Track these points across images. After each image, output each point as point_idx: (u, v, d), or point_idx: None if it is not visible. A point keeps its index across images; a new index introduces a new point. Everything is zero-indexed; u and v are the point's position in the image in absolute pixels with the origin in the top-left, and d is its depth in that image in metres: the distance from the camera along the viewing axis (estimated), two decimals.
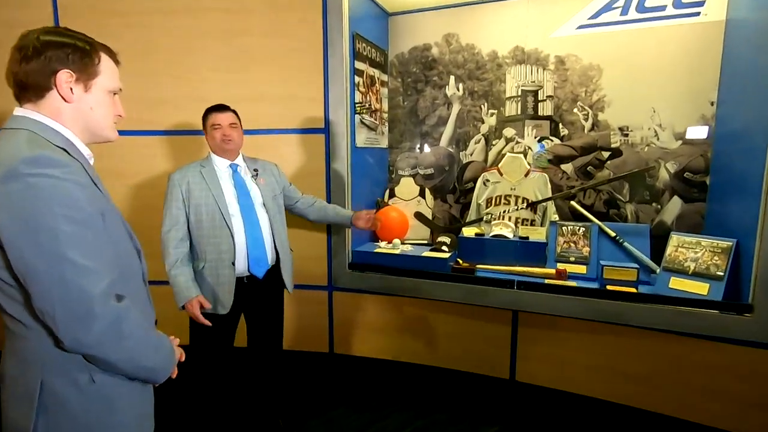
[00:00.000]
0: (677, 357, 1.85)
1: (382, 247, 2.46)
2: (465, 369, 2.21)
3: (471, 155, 2.75)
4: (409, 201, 2.79)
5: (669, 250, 1.99)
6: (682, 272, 1.91)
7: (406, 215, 2.73)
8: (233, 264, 1.84)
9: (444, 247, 2.34)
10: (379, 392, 2.30)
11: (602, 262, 2.09)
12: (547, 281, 2.03)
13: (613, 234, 2.26)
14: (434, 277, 2.18)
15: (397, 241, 2.47)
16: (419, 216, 2.66)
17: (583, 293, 1.92)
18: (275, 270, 1.99)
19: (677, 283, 1.90)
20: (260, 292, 1.98)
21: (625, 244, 2.21)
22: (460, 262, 2.25)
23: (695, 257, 1.90)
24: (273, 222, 1.97)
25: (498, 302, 2.05)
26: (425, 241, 2.68)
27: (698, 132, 2.22)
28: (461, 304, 2.15)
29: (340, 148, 2.29)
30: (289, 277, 2.05)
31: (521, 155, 2.54)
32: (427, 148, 2.83)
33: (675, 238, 1.99)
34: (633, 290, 1.97)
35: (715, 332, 1.72)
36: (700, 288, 1.84)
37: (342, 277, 2.36)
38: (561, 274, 2.09)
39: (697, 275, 1.87)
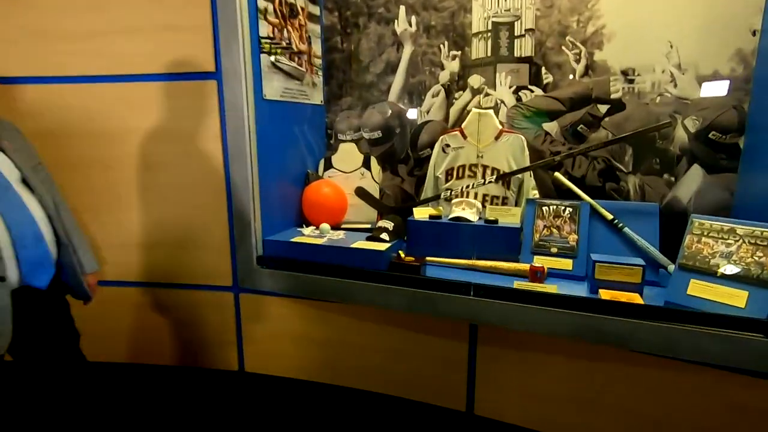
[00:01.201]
0: (702, 394, 1.30)
1: (306, 234, 1.86)
2: (409, 396, 1.66)
3: (427, 113, 2.12)
4: (350, 173, 2.17)
5: (688, 239, 1.41)
6: (707, 273, 1.33)
7: (344, 192, 2.12)
8: (2, 278, 1.23)
9: (384, 235, 1.75)
10: (303, 423, 1.76)
11: (594, 257, 1.51)
12: (516, 285, 1.45)
13: (609, 216, 1.67)
14: (365, 276, 1.60)
15: (325, 226, 1.87)
16: (360, 193, 2.05)
17: (565, 303, 1.35)
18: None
19: (700, 289, 1.33)
20: (44, 311, 1.38)
21: (626, 230, 1.63)
22: (402, 255, 1.66)
23: (727, 251, 1.32)
24: (45, 202, 1.35)
25: (450, 312, 1.48)
26: (370, 226, 2.08)
27: (731, 74, 1.60)
28: (404, 313, 1.58)
29: (236, 101, 1.65)
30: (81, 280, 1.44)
31: (491, 111, 1.91)
32: (372, 105, 2.19)
33: (697, 224, 1.40)
34: (636, 298, 1.40)
35: (760, 366, 1.16)
36: (734, 297, 1.26)
37: (249, 275, 1.78)
38: (536, 274, 1.51)
39: (730, 278, 1.29)
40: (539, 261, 1.69)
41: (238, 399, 1.89)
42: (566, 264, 1.66)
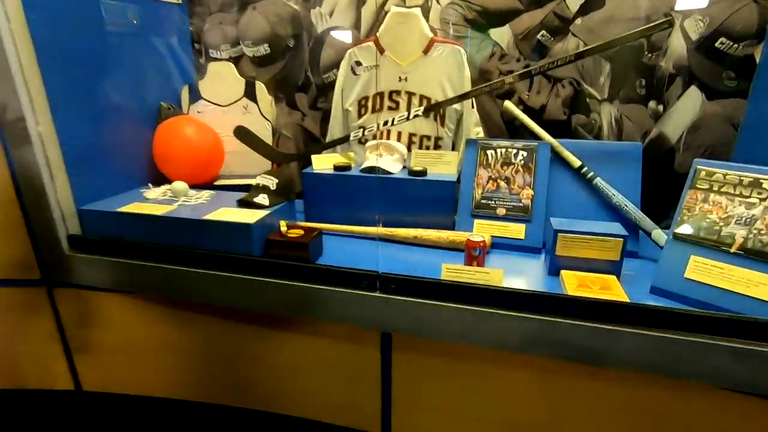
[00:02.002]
0: (711, 418, 0.91)
1: (150, 198, 1.26)
2: (309, 417, 1.21)
3: (330, 16, 1.48)
4: (227, 107, 1.54)
5: (690, 197, 0.97)
6: (717, 247, 0.91)
7: (217, 134, 1.50)
8: None
9: (261, 198, 1.19)
10: None
11: (555, 223, 1.04)
12: (445, 271, 0.97)
13: (576, 163, 1.20)
14: (223, 264, 1.06)
15: (179, 186, 1.27)
16: (242, 134, 1.44)
17: (514, 303, 0.89)
18: None
19: (705, 271, 0.91)
20: None
21: (598, 182, 1.17)
22: (284, 228, 1.12)
23: (748, 215, 0.89)
24: None
25: (347, 316, 0.99)
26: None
27: None
28: (286, 315, 1.08)
29: None
30: None
31: (417, 11, 1.32)
32: (253, 4, 1.52)
33: (704, 174, 0.96)
34: (612, 284, 0.97)
35: None
36: (759, 286, 0.85)
37: (60, 263, 1.18)
38: (474, 252, 1.03)
39: (752, 256, 0.87)
40: (481, 227, 1.22)
41: (75, 425, 1.38)
42: (517, 231, 1.19)
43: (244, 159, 1.52)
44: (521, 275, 1.07)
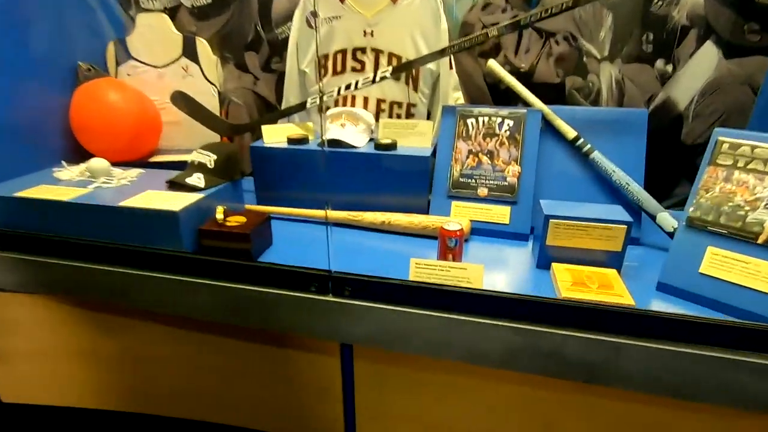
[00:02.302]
0: None
1: (62, 180, 1.04)
2: (258, 427, 1.05)
3: None
4: (163, 68, 1.30)
5: (708, 175, 0.80)
6: (742, 236, 0.75)
7: (150, 100, 1.27)
8: None
9: (197, 178, 0.99)
10: None
11: (546, 207, 0.87)
12: (414, 268, 0.80)
13: (571, 134, 1.02)
14: (150, 260, 0.86)
15: (97, 164, 1.05)
16: (180, 101, 1.21)
17: (494, 308, 0.72)
18: None
19: (727, 266, 0.75)
20: None
21: (596, 156, 1.00)
22: (220, 216, 0.92)
23: None
24: None
25: (296, 326, 0.81)
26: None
27: None
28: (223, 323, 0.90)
29: None
30: None
31: None
32: None
33: (726, 147, 0.78)
34: (612, 279, 0.81)
35: None
36: None
37: None
38: (449, 243, 0.85)
39: None
40: (459, 210, 1.04)
41: None
42: (501, 214, 1.02)
43: (187, 131, 1.30)
44: (504, 269, 0.90)
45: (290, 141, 1.13)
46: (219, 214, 0.91)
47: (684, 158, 1.12)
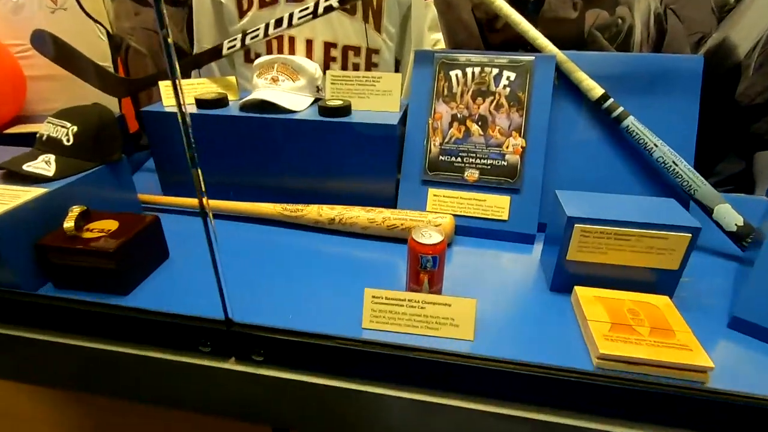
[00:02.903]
0: None
1: None
2: None
3: None
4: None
5: None
6: None
7: (3, 47, 0.90)
8: None
9: (43, 162, 0.65)
10: None
11: (567, 203, 0.58)
12: (370, 312, 0.51)
13: (597, 91, 0.72)
14: None
15: None
16: (44, 45, 0.84)
17: (495, 385, 0.44)
18: None
19: None
20: None
21: (631, 123, 0.70)
22: (69, 225, 0.60)
23: None
24: None
25: (188, 402, 0.52)
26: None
27: None
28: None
29: None
30: None
31: None
32: None
33: None
34: (667, 310, 0.54)
35: None
36: None
37: None
38: (424, 262, 0.56)
39: None
40: (438, 201, 0.75)
41: None
42: (498, 207, 0.73)
43: (67, 90, 0.94)
44: (500, 291, 0.62)
45: (200, 103, 0.79)
46: (68, 222, 0.59)
47: (736, 123, 0.84)
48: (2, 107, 0.91)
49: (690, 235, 0.54)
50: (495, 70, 0.73)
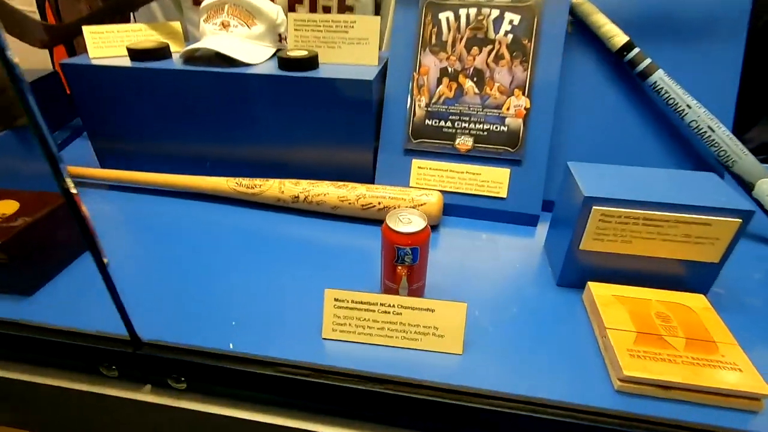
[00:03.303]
0: None
1: None
2: None
3: None
4: None
5: None
6: None
7: None
8: None
9: None
10: None
11: (583, 180, 0.46)
12: (333, 315, 0.39)
13: (620, 39, 0.58)
14: None
15: None
16: None
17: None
18: None
19: None
20: None
21: (659, 78, 0.57)
22: None
23: None
24: None
25: None
26: None
27: None
28: None
29: None
30: None
31: None
32: None
33: None
34: (724, 348, 0.43)
35: None
36: None
37: None
38: (402, 255, 0.44)
39: None
40: (424, 175, 0.62)
41: None
42: (495, 182, 0.60)
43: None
44: (496, 290, 0.51)
45: (134, 54, 0.64)
46: None
47: None
48: None
49: (740, 220, 0.42)
50: (495, 12, 0.58)
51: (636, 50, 0.58)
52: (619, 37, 0.58)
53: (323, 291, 0.42)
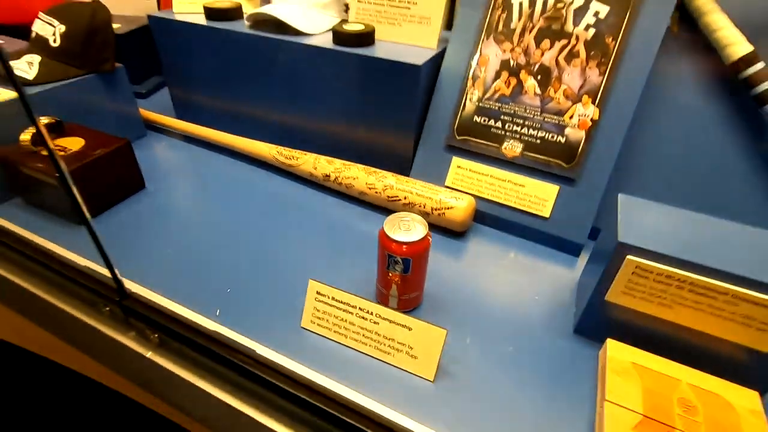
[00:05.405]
0: None
1: None
2: None
3: None
4: None
5: None
6: None
7: None
8: None
9: (26, 63, 0.59)
10: None
11: (625, 219, 0.38)
12: (314, 307, 0.39)
13: (741, 49, 0.46)
14: None
15: None
16: None
17: None
18: None
19: None
20: None
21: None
22: (25, 137, 0.54)
23: None
24: None
25: (101, 360, 0.46)
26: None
27: None
28: None
29: None
30: None
31: None
32: None
33: None
34: (753, 413, 0.34)
35: None
36: None
37: None
38: (392, 263, 0.41)
39: None
40: (462, 176, 0.57)
41: None
42: (539, 199, 0.53)
43: None
44: (502, 321, 0.45)
45: (208, 13, 0.67)
46: (25, 134, 0.53)
47: None
48: None
49: None
50: (579, 0, 0.49)
51: (759, 65, 0.45)
52: (737, 47, 0.46)
53: (332, 272, 0.42)
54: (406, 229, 0.41)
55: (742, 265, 0.34)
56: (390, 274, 0.42)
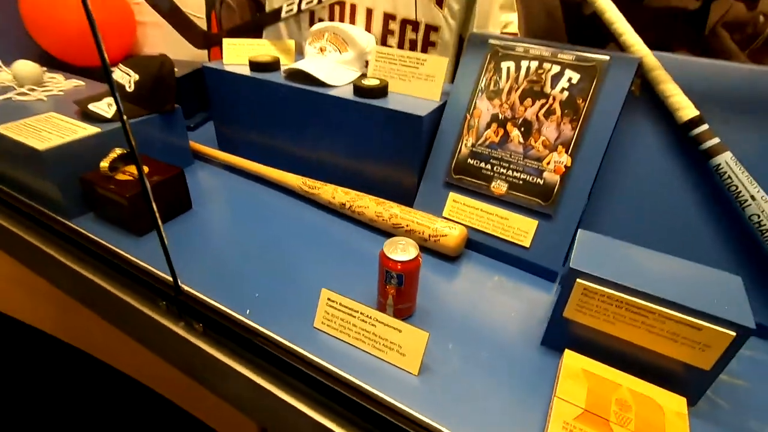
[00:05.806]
0: None
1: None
2: None
3: None
4: None
5: None
6: None
7: None
8: None
9: (105, 104, 0.73)
10: None
11: (580, 250, 0.46)
12: (325, 311, 0.48)
13: (688, 113, 0.55)
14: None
15: (24, 67, 0.85)
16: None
17: None
18: None
19: None
20: None
21: (724, 161, 0.53)
22: (104, 164, 0.66)
23: None
24: None
25: (156, 349, 0.57)
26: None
27: None
28: None
29: None
30: None
31: None
32: None
33: None
34: (677, 420, 0.41)
35: None
36: None
37: None
38: (389, 277, 0.50)
39: None
40: (457, 209, 0.67)
41: None
42: (521, 231, 0.62)
43: (170, 36, 1.04)
44: (479, 332, 0.54)
45: (252, 65, 0.81)
46: (104, 162, 0.66)
47: None
48: (114, 47, 1.05)
49: (734, 334, 0.39)
50: (556, 68, 0.60)
51: (704, 127, 0.54)
52: (686, 110, 0.55)
53: (343, 283, 0.51)
54: (402, 251, 0.50)
55: (669, 290, 0.42)
56: (387, 287, 0.51)
